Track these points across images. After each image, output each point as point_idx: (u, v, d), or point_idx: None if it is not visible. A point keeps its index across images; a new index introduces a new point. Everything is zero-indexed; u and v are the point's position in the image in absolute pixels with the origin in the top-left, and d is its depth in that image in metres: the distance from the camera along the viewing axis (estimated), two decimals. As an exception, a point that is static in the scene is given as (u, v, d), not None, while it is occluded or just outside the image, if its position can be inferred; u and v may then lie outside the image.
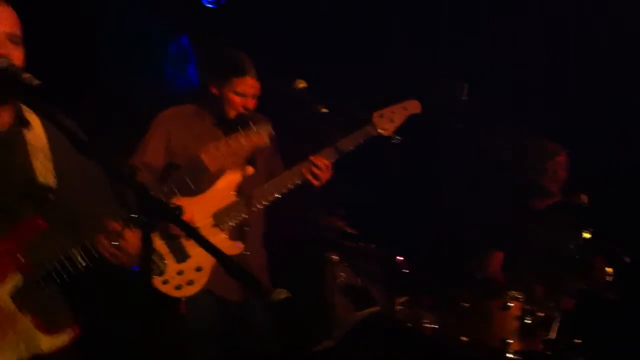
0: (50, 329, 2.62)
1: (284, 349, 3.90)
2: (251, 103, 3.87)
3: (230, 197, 3.79)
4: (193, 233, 2.26)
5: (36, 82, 2.45)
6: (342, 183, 3.95)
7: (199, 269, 3.72)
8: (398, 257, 4.20)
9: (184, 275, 3.68)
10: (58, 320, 2.67)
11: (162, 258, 3.66)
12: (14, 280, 2.56)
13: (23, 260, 2.56)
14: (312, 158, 3.85)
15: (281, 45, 4.85)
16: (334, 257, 4.38)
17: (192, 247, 3.71)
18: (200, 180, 2.85)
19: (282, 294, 2.98)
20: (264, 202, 3.83)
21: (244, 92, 3.84)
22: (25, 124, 2.70)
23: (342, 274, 4.40)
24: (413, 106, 4.07)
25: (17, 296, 2.57)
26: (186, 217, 3.48)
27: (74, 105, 2.73)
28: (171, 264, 3.66)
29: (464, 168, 5.07)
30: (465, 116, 4.78)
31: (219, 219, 3.77)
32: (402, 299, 3.96)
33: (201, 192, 3.66)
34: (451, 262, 4.58)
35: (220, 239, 3.76)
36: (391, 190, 4.86)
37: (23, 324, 2.57)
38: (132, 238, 2.64)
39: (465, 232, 4.66)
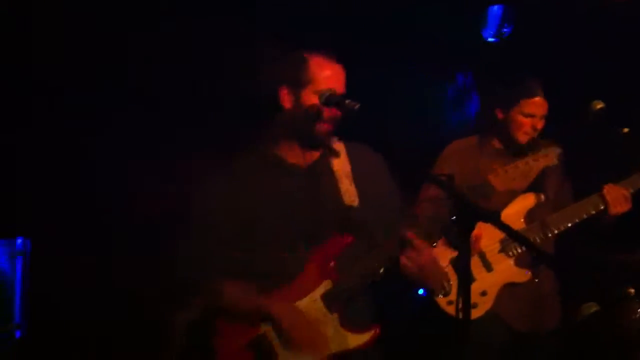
0: (354, 328, 2.94)
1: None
2: (540, 124, 3.81)
3: (520, 223, 3.74)
4: (510, 231, 2.28)
5: (357, 106, 2.77)
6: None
7: (484, 294, 3.70)
8: None
9: None
10: (362, 321, 2.97)
11: (448, 279, 3.68)
12: (325, 286, 2.95)
13: (333, 269, 2.94)
14: (606, 186, 3.70)
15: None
16: (631, 290, 4.15)
17: (478, 271, 3.70)
18: (485, 199, 2.85)
19: (592, 307, 2.91)
20: (555, 231, 3.73)
21: (533, 113, 3.79)
22: (336, 153, 3.04)
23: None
24: None
25: (327, 299, 2.94)
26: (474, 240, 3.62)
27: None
28: (457, 286, 3.66)
29: None
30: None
31: (506, 245, 3.73)
32: None
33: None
34: None
35: (507, 266, 3.73)
36: None
37: (332, 322, 2.93)
38: (426, 251, 2.90)
39: None
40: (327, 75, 2.90)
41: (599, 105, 3.67)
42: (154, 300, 4.01)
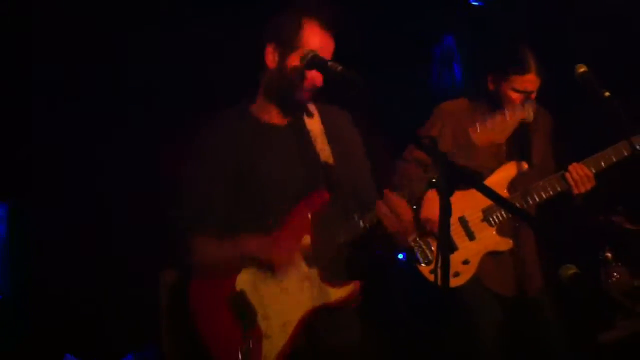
0: (334, 282, 2.93)
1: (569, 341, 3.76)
2: (530, 99, 3.76)
3: (503, 193, 3.74)
4: (492, 195, 2.29)
5: (340, 68, 2.73)
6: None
7: (466, 262, 3.73)
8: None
9: (450, 266, 3.69)
10: (341, 275, 2.97)
11: (430, 247, 3.70)
12: (305, 241, 2.93)
13: (312, 225, 2.93)
14: (571, 166, 3.68)
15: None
16: (608, 255, 4.20)
17: (461, 240, 3.74)
18: (467, 156, 2.85)
19: (570, 269, 2.93)
20: (537, 199, 3.73)
21: (524, 89, 3.74)
22: (310, 114, 3.05)
23: (617, 274, 4.20)
24: None
25: (306, 254, 2.92)
26: (453, 209, 3.63)
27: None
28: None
29: None
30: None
31: (488, 213, 3.75)
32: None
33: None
34: None
35: (489, 234, 3.76)
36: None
37: (312, 276, 2.92)
38: (404, 204, 2.85)
39: None
40: (316, 43, 2.86)
41: (582, 68, 3.56)
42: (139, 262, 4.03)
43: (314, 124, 3.05)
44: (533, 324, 3.82)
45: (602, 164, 3.69)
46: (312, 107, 3.06)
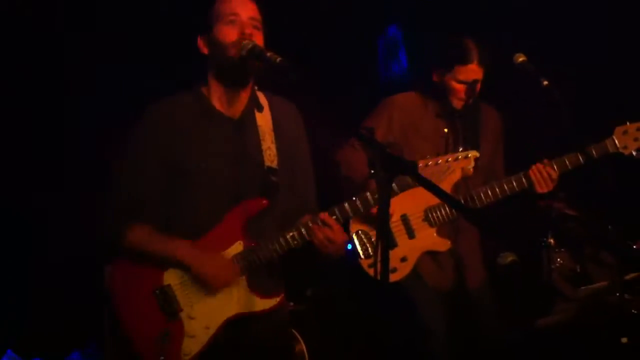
0: (261, 292, 2.93)
1: (507, 326, 3.83)
2: (475, 89, 3.80)
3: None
4: (428, 184, 2.31)
5: (279, 59, 2.74)
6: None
7: (404, 259, 3.79)
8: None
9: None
10: (269, 286, 2.96)
11: (371, 239, 3.73)
12: (237, 248, 2.91)
13: (244, 232, 2.91)
14: (534, 166, 3.70)
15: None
16: (551, 241, 4.27)
17: (401, 238, 3.79)
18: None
19: (508, 257, 2.98)
20: (479, 205, 3.74)
21: (467, 79, 3.77)
22: (260, 108, 3.01)
23: (560, 260, 4.27)
24: None
25: (237, 261, 2.90)
26: (396, 207, 3.65)
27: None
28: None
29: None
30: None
31: (429, 213, 3.79)
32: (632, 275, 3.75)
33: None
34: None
35: (429, 234, 3.81)
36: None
37: (240, 283, 2.91)
38: (338, 230, 2.89)
39: None
40: (229, 3, 2.88)
41: (521, 58, 3.62)
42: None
43: (263, 119, 3.01)
44: (474, 317, 3.88)
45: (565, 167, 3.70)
46: (262, 99, 3.03)
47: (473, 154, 2.81)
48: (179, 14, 4.20)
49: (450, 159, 2.77)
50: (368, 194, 2.92)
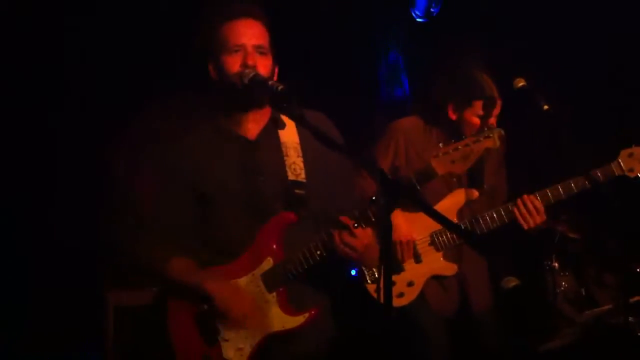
0: (291, 309, 2.93)
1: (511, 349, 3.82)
2: (493, 121, 3.75)
3: (452, 218, 3.76)
4: (427, 208, 2.32)
5: (281, 87, 2.75)
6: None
7: (410, 284, 3.79)
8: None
9: (395, 286, 3.73)
10: (301, 302, 2.95)
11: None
12: (266, 265, 2.93)
13: (275, 248, 2.92)
14: (519, 200, 3.64)
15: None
16: (555, 264, 4.26)
17: (407, 262, 3.79)
18: (426, 183, 2.82)
19: (512, 282, 2.97)
20: (484, 229, 3.71)
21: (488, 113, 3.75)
22: (281, 125, 3.01)
23: (564, 283, 4.26)
24: None
25: (266, 278, 2.93)
26: (403, 231, 3.65)
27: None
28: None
29: None
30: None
31: (435, 238, 3.79)
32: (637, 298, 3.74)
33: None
34: None
35: (435, 258, 3.81)
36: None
37: (271, 301, 2.93)
38: (362, 235, 2.85)
39: None
40: (234, 32, 2.90)
41: (521, 82, 3.60)
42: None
43: (287, 135, 3.01)
44: (477, 340, 3.87)
45: (551, 198, 3.66)
46: (285, 117, 3.01)
47: (498, 131, 2.76)
48: (179, 14, 4.25)
49: (470, 142, 2.73)
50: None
